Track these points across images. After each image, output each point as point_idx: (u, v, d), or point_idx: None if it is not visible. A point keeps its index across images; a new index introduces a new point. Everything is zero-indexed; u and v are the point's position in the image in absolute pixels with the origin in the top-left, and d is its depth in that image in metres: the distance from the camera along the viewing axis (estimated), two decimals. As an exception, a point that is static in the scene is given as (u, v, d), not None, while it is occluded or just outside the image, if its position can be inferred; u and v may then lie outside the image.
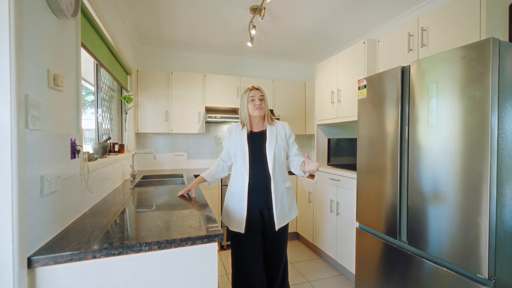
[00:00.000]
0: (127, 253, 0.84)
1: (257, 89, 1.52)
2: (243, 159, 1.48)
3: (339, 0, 2.01)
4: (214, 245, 0.95)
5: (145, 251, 0.86)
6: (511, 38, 1.38)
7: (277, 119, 3.00)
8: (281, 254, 1.57)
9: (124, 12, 2.17)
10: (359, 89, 1.81)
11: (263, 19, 2.07)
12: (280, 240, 1.55)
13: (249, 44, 2.53)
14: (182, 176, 2.59)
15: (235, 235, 1.50)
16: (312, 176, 2.62)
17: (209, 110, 2.94)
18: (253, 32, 2.30)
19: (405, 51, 1.70)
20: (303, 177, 2.76)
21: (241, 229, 1.45)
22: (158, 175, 2.65)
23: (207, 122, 3.01)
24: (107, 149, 1.72)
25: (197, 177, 1.62)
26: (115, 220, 1.13)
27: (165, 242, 0.88)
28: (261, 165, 1.47)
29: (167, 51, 3.15)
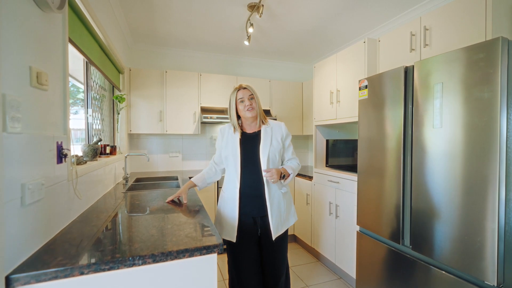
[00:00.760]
0: (118, 268, 0.77)
1: (244, 88, 1.41)
2: (234, 162, 1.38)
3: (338, -2, 1.97)
4: (213, 257, 0.88)
5: (139, 265, 0.79)
6: (515, 38, 1.36)
7: (274, 119, 2.95)
8: (280, 263, 1.45)
9: (116, 7, 2.07)
10: (360, 89, 1.77)
11: (261, 17, 2.01)
12: (278, 249, 1.43)
13: (246, 43, 2.46)
14: (177, 178, 2.51)
15: (228, 244, 1.40)
16: (310, 177, 2.58)
17: (204, 110, 2.86)
18: (250, 30, 2.24)
19: (407, 51, 1.66)
20: (301, 179, 2.72)
21: (233, 238, 1.36)
22: (152, 177, 2.56)
23: (203, 122, 2.93)
24: (97, 151, 1.63)
25: (187, 182, 1.52)
26: (106, 228, 1.06)
27: (160, 254, 0.81)
28: (254, 169, 1.36)
29: (161, 49, 3.06)
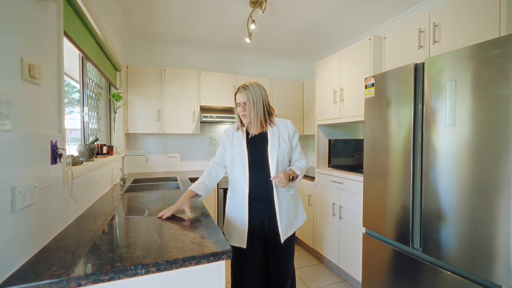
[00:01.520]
0: (119, 278, 0.71)
1: (241, 93, 1.29)
2: (242, 164, 1.31)
3: (343, -6, 1.92)
4: (221, 264, 0.82)
5: (141, 274, 0.73)
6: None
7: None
8: (288, 267, 1.38)
9: (113, 1, 2.00)
10: (366, 87, 1.73)
11: (264, 12, 1.95)
12: (286, 251, 1.36)
13: (247, 40, 2.40)
14: (176, 179, 2.44)
15: (235, 250, 1.32)
16: (312, 178, 2.53)
17: (204, 109, 2.79)
18: (252, 27, 2.18)
19: (415, 48, 1.62)
20: (303, 179, 2.67)
21: (243, 243, 1.28)
22: (150, 178, 2.48)
23: (202, 122, 2.86)
24: (94, 151, 1.56)
25: (186, 191, 1.30)
26: (104, 233, 0.99)
27: (165, 263, 0.75)
28: (263, 172, 1.30)
29: (160, 46, 2.99)
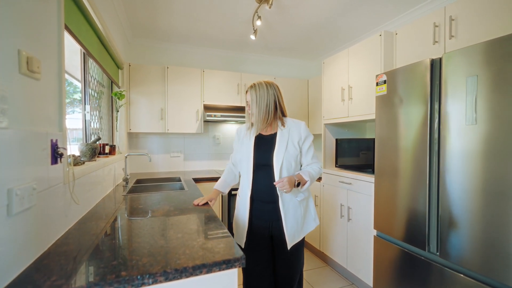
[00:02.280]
0: (124, 289, 0.65)
1: (247, 91, 1.31)
2: (247, 166, 1.30)
3: (352, -11, 1.86)
4: (234, 272, 0.76)
5: (149, 284, 0.67)
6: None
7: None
8: (295, 271, 1.34)
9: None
10: (378, 84, 1.67)
11: (270, 7, 1.89)
12: (294, 257, 1.32)
13: (253, 37, 2.34)
14: (179, 179, 2.38)
15: (242, 248, 1.33)
16: (318, 178, 2.47)
17: (208, 108, 2.73)
18: (258, 23, 2.12)
19: (429, 43, 1.56)
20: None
21: (241, 242, 1.31)
22: (153, 178, 2.43)
23: (206, 121, 2.81)
24: (96, 151, 1.50)
25: (214, 190, 1.48)
26: (107, 237, 0.93)
27: (173, 271, 0.69)
28: (267, 175, 1.26)
29: (163, 44, 2.93)
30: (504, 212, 1.04)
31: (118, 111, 2.40)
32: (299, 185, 1.24)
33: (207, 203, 1.40)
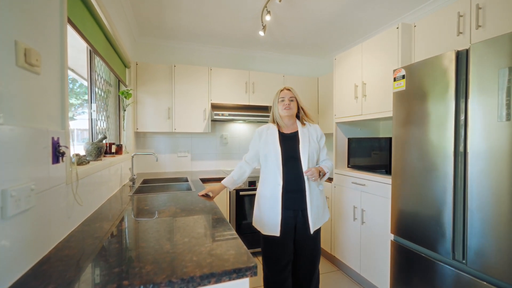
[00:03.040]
0: (126, 300, 0.59)
1: (288, 90, 1.52)
2: (276, 159, 1.44)
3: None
4: (245, 282, 0.70)
5: (152, 295, 0.61)
6: None
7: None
8: (316, 257, 1.50)
9: (122, -6, 1.91)
10: (395, 80, 1.57)
11: (280, 1, 1.82)
12: (316, 242, 1.48)
13: (261, 33, 2.28)
14: (186, 180, 2.33)
15: (268, 241, 1.45)
16: (329, 179, 2.38)
17: (215, 107, 2.68)
18: (267, 18, 2.05)
19: (453, 34, 1.45)
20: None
21: (276, 231, 1.40)
22: (160, 178, 2.39)
23: (213, 120, 2.76)
24: (102, 150, 1.47)
25: (220, 184, 1.62)
26: (111, 241, 0.88)
27: (179, 281, 0.63)
28: (295, 166, 1.44)
29: (170, 42, 2.90)
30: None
31: (125, 110, 2.38)
32: (322, 175, 1.45)
33: (208, 195, 1.54)
